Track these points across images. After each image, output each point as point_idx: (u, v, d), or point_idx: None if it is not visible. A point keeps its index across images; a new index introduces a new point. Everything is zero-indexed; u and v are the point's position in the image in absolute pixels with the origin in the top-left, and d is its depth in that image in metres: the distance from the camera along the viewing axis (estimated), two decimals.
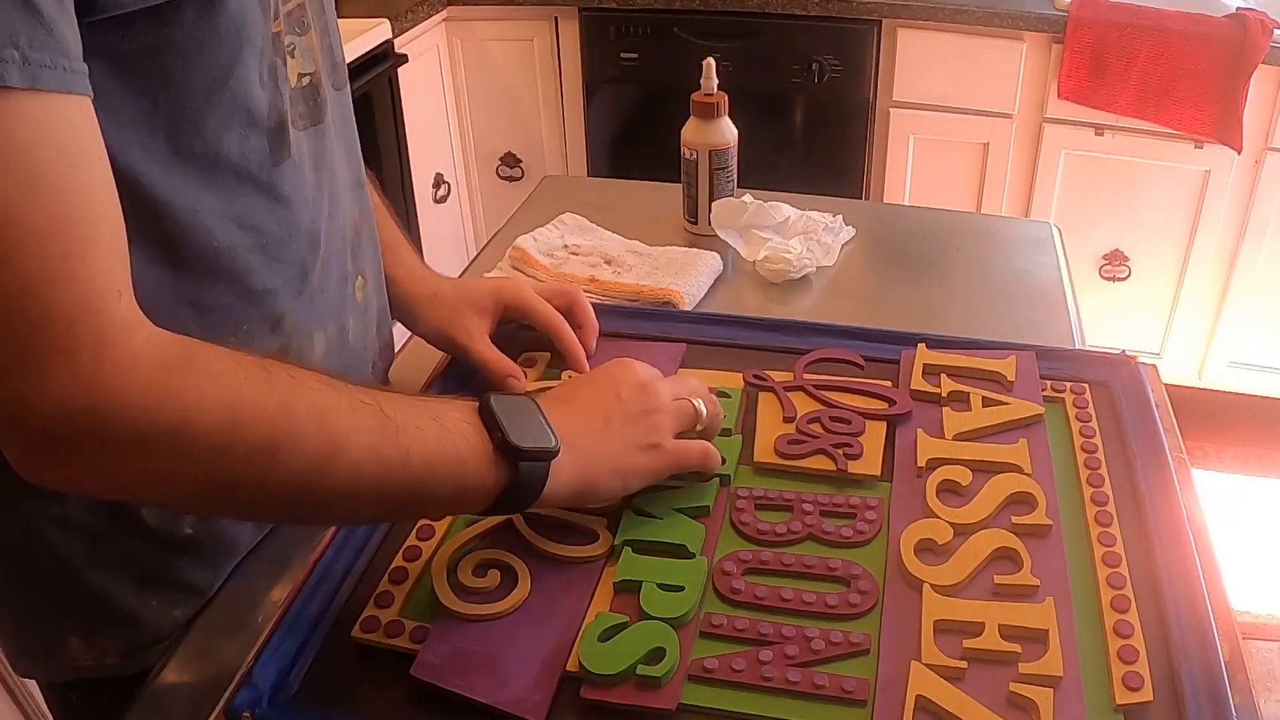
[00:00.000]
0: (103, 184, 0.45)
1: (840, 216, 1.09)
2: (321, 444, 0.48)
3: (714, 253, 1.05)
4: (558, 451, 0.55)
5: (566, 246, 1.08)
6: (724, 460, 0.67)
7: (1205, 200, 2.06)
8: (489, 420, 0.54)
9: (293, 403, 0.48)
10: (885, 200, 2.26)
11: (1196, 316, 2.19)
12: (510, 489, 0.54)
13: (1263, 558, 1.97)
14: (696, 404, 0.62)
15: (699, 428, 0.63)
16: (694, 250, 1.05)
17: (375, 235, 0.77)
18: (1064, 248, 1.09)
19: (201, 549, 0.66)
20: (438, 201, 2.36)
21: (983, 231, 1.15)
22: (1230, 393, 2.22)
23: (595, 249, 1.07)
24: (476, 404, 0.55)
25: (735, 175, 1.11)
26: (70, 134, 0.43)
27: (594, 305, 0.82)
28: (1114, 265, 2.18)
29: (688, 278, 1.00)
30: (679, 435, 0.62)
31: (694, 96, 1.09)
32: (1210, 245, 2.10)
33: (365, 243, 0.74)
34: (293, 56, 0.61)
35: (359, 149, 0.74)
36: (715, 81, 1.08)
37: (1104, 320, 2.19)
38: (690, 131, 1.09)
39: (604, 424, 0.59)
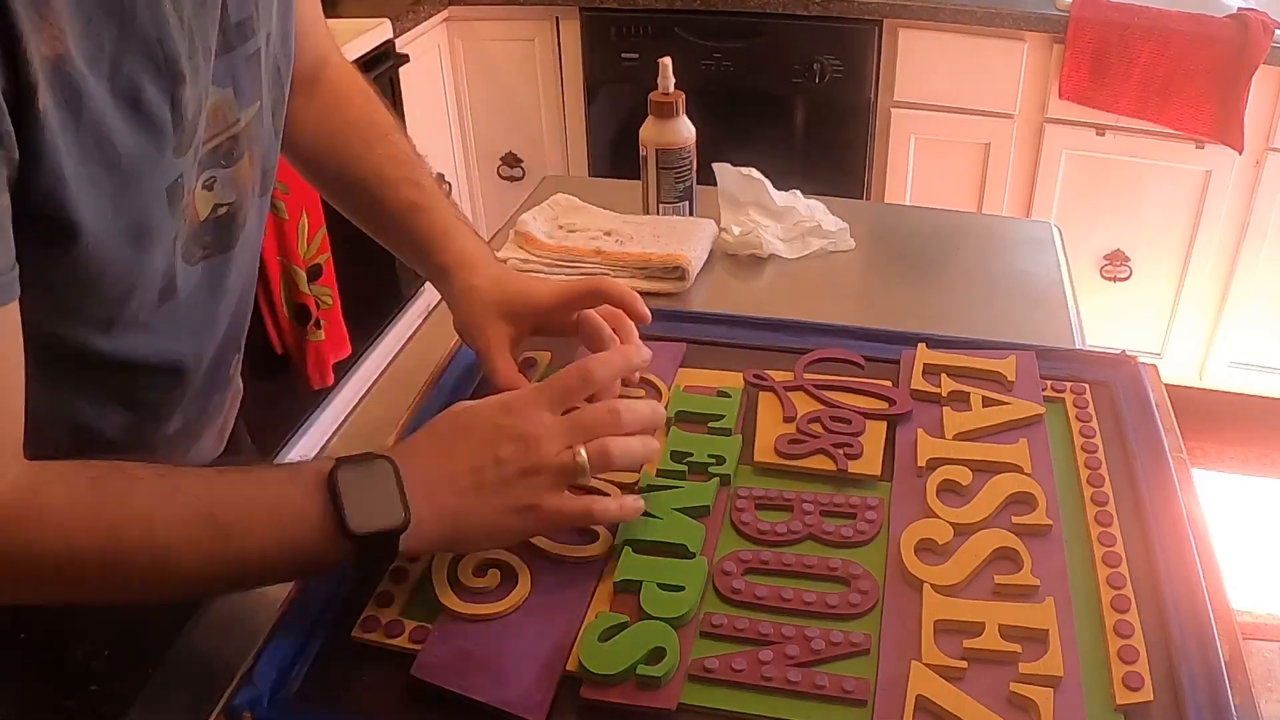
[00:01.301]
0: (14, 382, 0.49)
1: (846, 227, 1.09)
2: (151, 562, 0.52)
3: (709, 220, 1.07)
4: (405, 527, 0.53)
5: (562, 226, 1.09)
6: (725, 460, 0.67)
7: (1206, 200, 2.06)
8: (333, 498, 0.52)
9: (120, 527, 0.51)
10: (886, 200, 2.26)
11: (1197, 317, 2.19)
12: (359, 562, 0.54)
13: (1263, 558, 1.97)
14: (580, 458, 0.57)
15: (581, 480, 0.58)
16: (690, 218, 1.08)
17: (251, 302, 0.76)
18: (1065, 248, 1.09)
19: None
20: None
21: (984, 231, 1.15)
22: (1230, 393, 2.22)
23: (592, 224, 1.09)
24: (328, 472, 0.53)
25: (693, 174, 1.11)
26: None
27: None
28: (1115, 265, 2.18)
29: (691, 244, 1.02)
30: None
31: (651, 95, 1.09)
32: (1211, 245, 2.10)
33: (248, 316, 0.73)
34: (209, 190, 0.59)
35: (254, 269, 0.73)
36: (672, 81, 1.09)
37: (1104, 320, 2.19)
38: (646, 130, 1.10)
39: (476, 487, 0.56)
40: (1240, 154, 1.97)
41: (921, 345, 0.77)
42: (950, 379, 0.74)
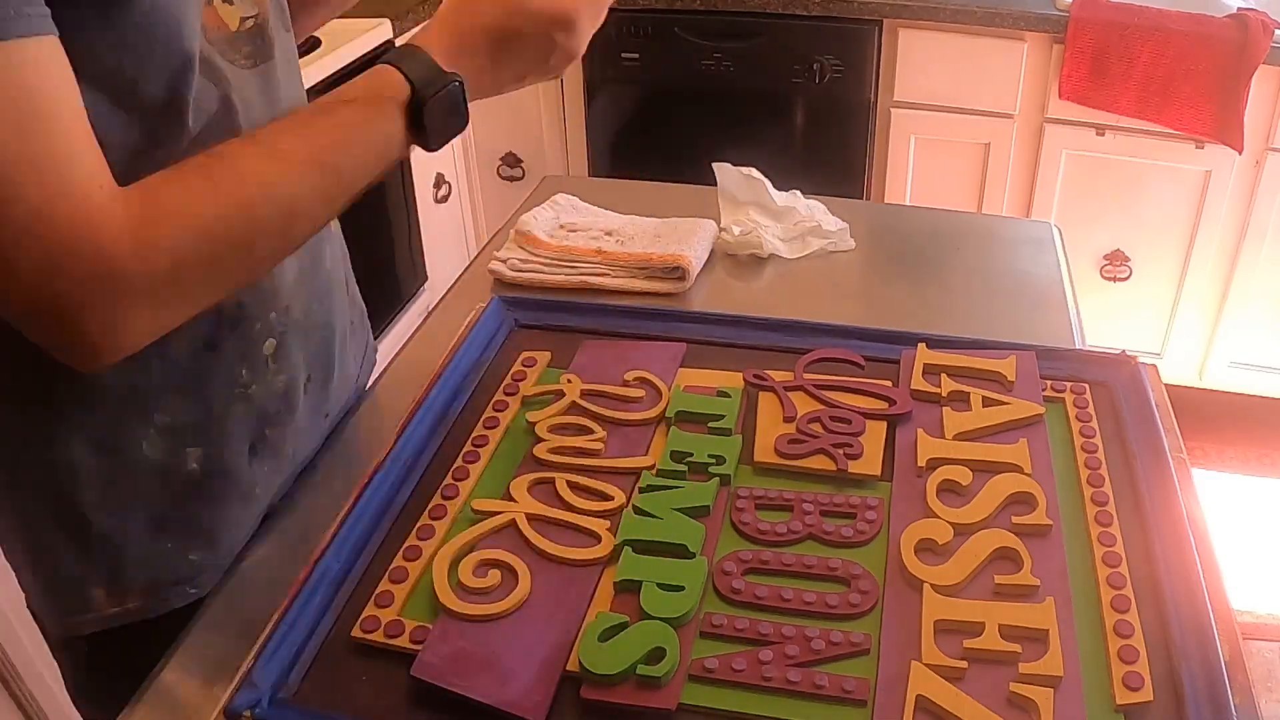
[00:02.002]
0: (76, 111, 0.50)
1: (846, 227, 1.09)
2: (282, 221, 0.57)
3: (710, 220, 1.07)
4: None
5: (563, 226, 1.09)
6: (725, 460, 0.67)
7: (1206, 200, 2.06)
8: (417, 125, 0.59)
9: (250, 202, 0.54)
10: (886, 200, 2.25)
11: (1197, 317, 2.19)
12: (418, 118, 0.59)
13: (1263, 558, 1.96)
14: None
15: None
16: (691, 219, 1.08)
17: None
18: (1065, 248, 1.09)
19: (207, 489, 0.68)
20: (439, 201, 2.35)
21: (984, 231, 1.15)
22: (1230, 393, 2.22)
23: (593, 224, 1.09)
24: (406, 103, 0.59)
25: None
26: (44, 71, 0.48)
27: (591, 306, 0.82)
28: (1115, 265, 2.18)
29: (691, 244, 1.02)
30: None
31: None
32: (1211, 245, 2.10)
33: None
34: (230, 3, 0.63)
35: (303, 89, 0.76)
36: None
37: (1104, 320, 2.19)
38: None
39: (517, 79, 0.64)
40: (1240, 154, 1.97)
41: (921, 345, 0.77)
42: (950, 379, 0.74)
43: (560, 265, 1.02)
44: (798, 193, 1.12)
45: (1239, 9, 1.95)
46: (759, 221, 1.08)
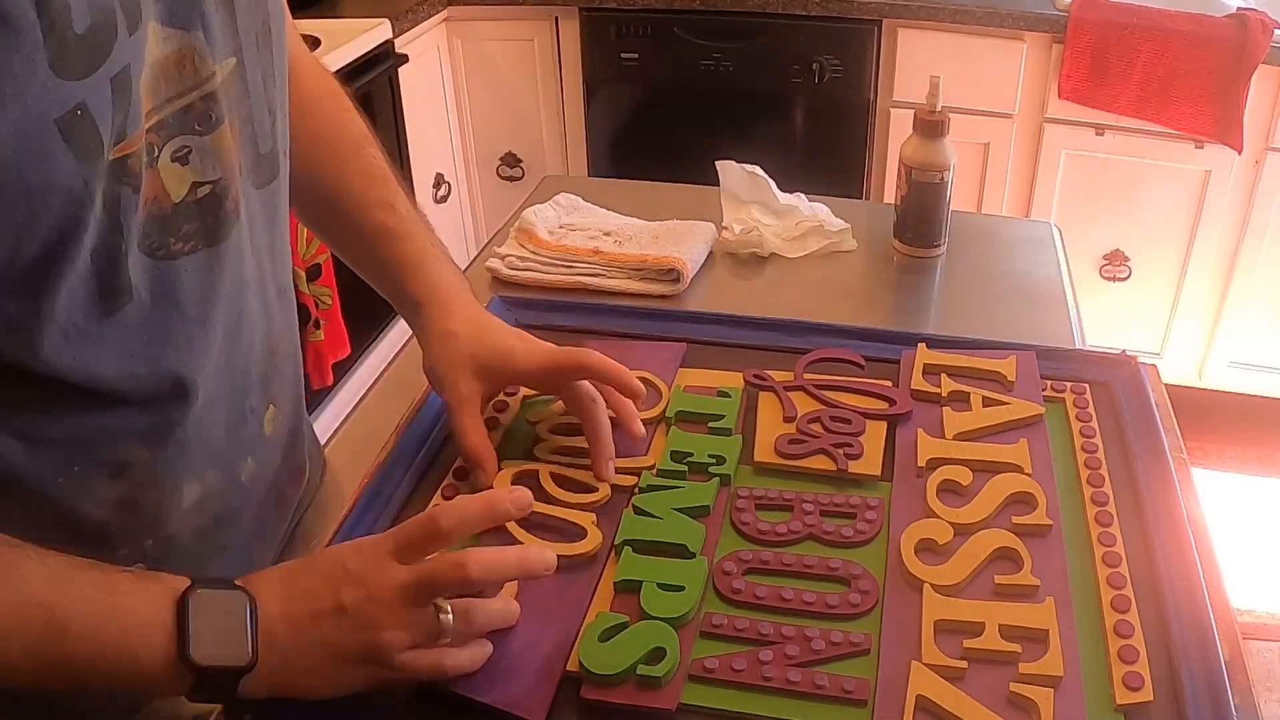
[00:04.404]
0: None
1: (848, 227, 1.09)
2: None
3: (709, 222, 1.08)
4: (249, 668, 0.48)
5: (563, 225, 1.09)
6: (725, 460, 0.67)
7: (1206, 200, 2.06)
8: (180, 620, 0.47)
9: None
10: (885, 200, 2.25)
11: (1197, 316, 2.19)
12: (192, 694, 0.49)
13: (1263, 558, 1.97)
14: (445, 618, 0.51)
15: (444, 640, 0.52)
16: (689, 221, 1.08)
17: (296, 351, 0.69)
18: (1064, 248, 1.09)
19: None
20: (438, 202, 2.36)
21: (983, 231, 1.15)
22: (1230, 393, 2.22)
23: (592, 224, 1.09)
24: (182, 590, 0.48)
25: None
26: None
27: (592, 305, 0.82)
28: (1114, 265, 2.18)
29: (688, 246, 1.02)
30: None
31: (916, 111, 1.04)
32: (1211, 245, 2.10)
33: (283, 363, 0.66)
34: (182, 163, 0.51)
35: (288, 252, 0.66)
36: (941, 99, 1.04)
37: (1104, 320, 2.19)
38: (907, 147, 1.04)
39: (318, 633, 0.50)
40: (1240, 154, 1.97)
41: (922, 345, 0.77)
42: (950, 379, 0.74)
43: (557, 265, 1.02)
44: (801, 195, 1.12)
45: (1239, 9, 1.95)
46: (760, 220, 1.08)
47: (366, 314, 2.02)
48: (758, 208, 1.09)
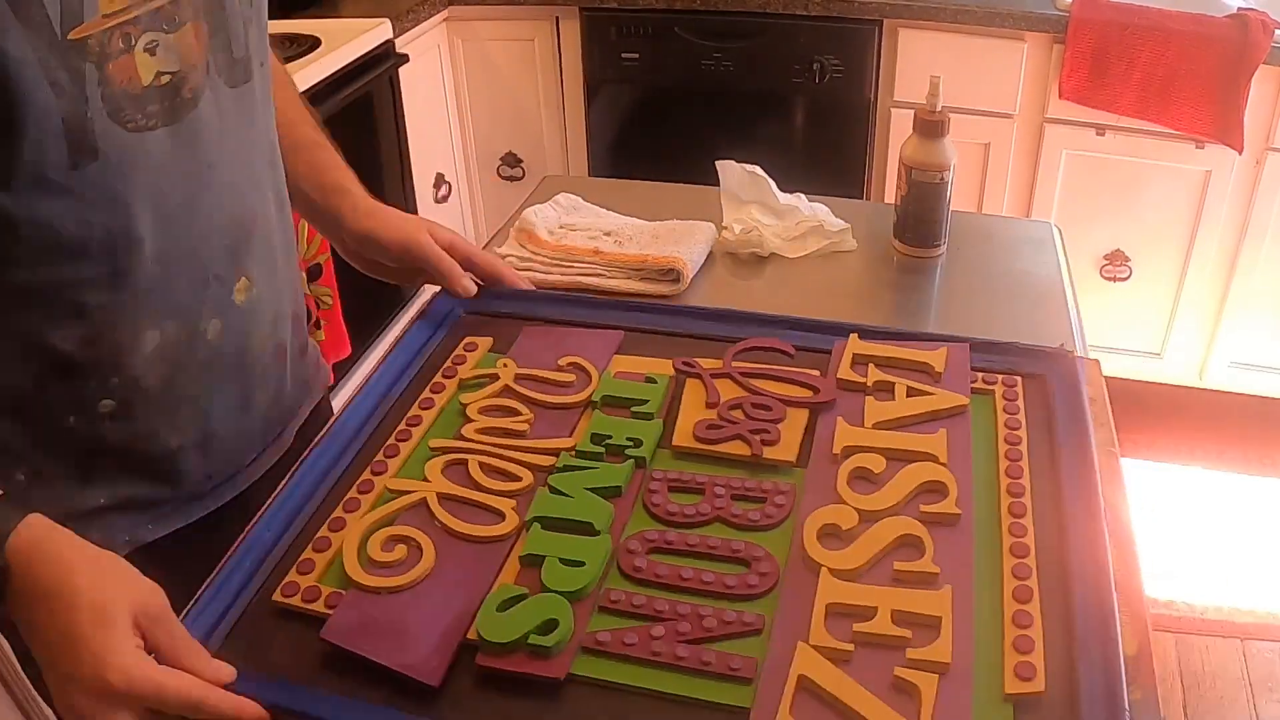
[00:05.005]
0: None
1: (848, 227, 1.08)
2: None
3: (709, 222, 1.07)
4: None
5: (563, 225, 1.10)
6: (642, 443, 0.68)
7: (1206, 200, 2.04)
8: None
9: None
10: (886, 200, 2.25)
11: (1197, 317, 2.16)
12: None
13: (1263, 558, 1.94)
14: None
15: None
16: (689, 221, 1.08)
17: (289, 237, 0.78)
18: (1064, 248, 1.07)
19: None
20: (439, 201, 2.38)
21: (983, 231, 1.13)
22: (1231, 393, 2.19)
23: (592, 224, 1.09)
24: None
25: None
26: None
27: (537, 294, 0.83)
28: (1115, 265, 2.16)
29: (688, 246, 1.02)
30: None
31: (916, 111, 1.05)
32: (1211, 245, 2.08)
33: (257, 245, 0.73)
34: (150, 54, 0.61)
35: (275, 149, 0.75)
36: (941, 99, 1.05)
37: (1104, 320, 2.17)
38: (906, 147, 1.05)
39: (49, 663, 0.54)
40: (1240, 154, 1.95)
41: (853, 335, 0.78)
42: (878, 369, 0.75)
43: (558, 265, 1.02)
44: (801, 196, 1.11)
45: (1239, 9, 1.93)
46: (760, 220, 1.07)
47: (367, 314, 2.05)
48: (758, 208, 1.08)
